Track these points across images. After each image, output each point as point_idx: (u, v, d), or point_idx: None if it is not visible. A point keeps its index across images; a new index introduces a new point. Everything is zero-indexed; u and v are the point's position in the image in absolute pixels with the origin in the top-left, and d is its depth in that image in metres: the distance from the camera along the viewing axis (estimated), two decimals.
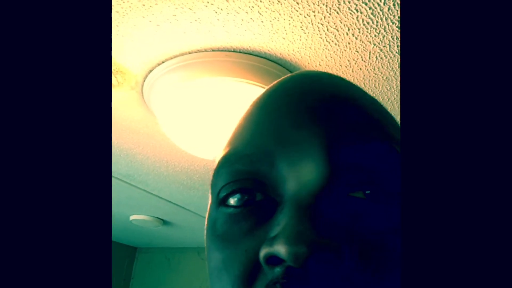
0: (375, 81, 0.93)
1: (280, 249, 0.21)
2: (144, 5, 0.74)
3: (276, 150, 0.26)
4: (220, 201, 0.28)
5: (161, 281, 2.82)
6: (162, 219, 2.19)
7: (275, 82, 0.32)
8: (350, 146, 0.26)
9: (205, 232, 0.31)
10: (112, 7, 0.74)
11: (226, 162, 0.28)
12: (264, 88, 0.87)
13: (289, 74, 0.33)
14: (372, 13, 0.73)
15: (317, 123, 0.26)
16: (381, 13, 0.73)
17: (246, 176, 0.27)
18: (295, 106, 0.28)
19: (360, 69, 0.89)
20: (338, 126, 0.26)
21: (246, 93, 0.89)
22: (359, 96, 0.30)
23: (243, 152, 0.27)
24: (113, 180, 1.64)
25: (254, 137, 0.28)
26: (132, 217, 2.17)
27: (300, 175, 0.25)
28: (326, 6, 0.72)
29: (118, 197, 1.87)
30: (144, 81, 0.97)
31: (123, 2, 0.73)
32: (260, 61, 0.87)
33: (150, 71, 0.93)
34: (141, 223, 2.21)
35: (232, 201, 0.28)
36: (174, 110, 0.94)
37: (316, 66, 0.89)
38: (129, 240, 2.80)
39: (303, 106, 0.27)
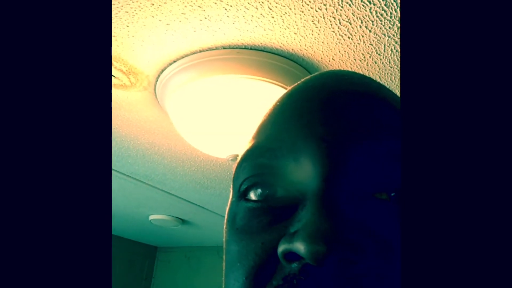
0: (391, 74, 0.91)
1: (300, 246, 0.21)
2: (153, 4, 0.73)
3: (301, 146, 0.25)
4: (241, 194, 0.28)
5: (181, 280, 2.85)
6: (180, 219, 2.21)
7: (302, 79, 0.32)
8: (380, 146, 0.25)
9: (224, 226, 0.31)
10: (121, 7, 0.74)
11: (249, 155, 0.28)
12: (276, 84, 0.86)
13: (318, 73, 0.32)
14: (385, 4, 0.71)
15: (345, 121, 0.26)
16: (394, 3, 0.70)
17: (269, 170, 0.27)
18: (323, 103, 0.27)
19: (375, 62, 0.87)
20: (367, 126, 0.26)
21: (259, 90, 0.88)
22: (390, 96, 0.29)
23: (267, 146, 0.27)
24: (131, 180, 1.66)
25: (280, 131, 0.27)
26: (151, 217, 2.19)
27: (324, 172, 0.24)
28: None
29: (137, 197, 1.88)
30: (157, 81, 0.97)
31: (132, 2, 0.73)
32: (272, 57, 0.85)
33: (162, 70, 0.93)
34: (160, 222, 2.23)
35: (253, 195, 0.27)
36: (187, 109, 0.93)
37: (329, 60, 0.87)
38: (150, 239, 2.83)
39: (332, 103, 0.27)
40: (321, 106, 0.27)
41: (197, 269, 2.82)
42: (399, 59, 0.86)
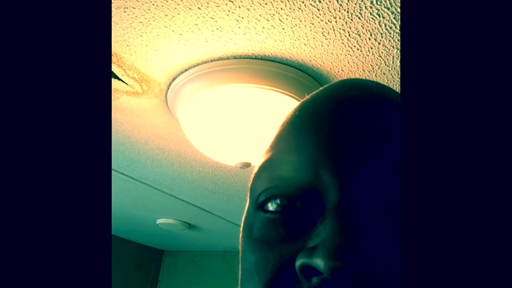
0: (399, 85, 0.92)
1: (319, 262, 0.21)
2: (166, 15, 0.75)
3: (321, 160, 0.25)
4: (258, 205, 0.28)
5: (187, 284, 2.85)
6: (188, 223, 2.22)
7: (320, 89, 0.32)
8: (399, 158, 0.24)
9: (240, 235, 0.30)
10: (136, 17, 0.76)
11: (268, 166, 0.28)
12: (286, 94, 0.87)
13: (335, 82, 0.32)
14: (394, 18, 0.72)
15: (364, 132, 0.25)
16: None
17: (287, 182, 0.26)
18: (341, 114, 0.27)
19: (384, 74, 0.88)
20: (387, 137, 0.25)
21: (268, 99, 0.89)
22: None
23: (287, 159, 0.27)
24: (140, 184, 1.67)
25: (297, 144, 0.27)
26: (158, 221, 2.21)
27: (344, 186, 0.24)
28: (348, 11, 0.71)
29: (145, 201, 1.90)
30: (168, 88, 0.99)
31: (146, 12, 0.75)
32: (281, 67, 0.87)
33: (174, 79, 0.95)
34: (167, 226, 2.24)
35: (271, 206, 0.27)
36: (197, 116, 0.95)
37: (338, 71, 0.88)
38: (157, 243, 2.84)
39: (350, 114, 0.27)
40: (339, 117, 0.27)
41: (203, 273, 2.83)
42: None
